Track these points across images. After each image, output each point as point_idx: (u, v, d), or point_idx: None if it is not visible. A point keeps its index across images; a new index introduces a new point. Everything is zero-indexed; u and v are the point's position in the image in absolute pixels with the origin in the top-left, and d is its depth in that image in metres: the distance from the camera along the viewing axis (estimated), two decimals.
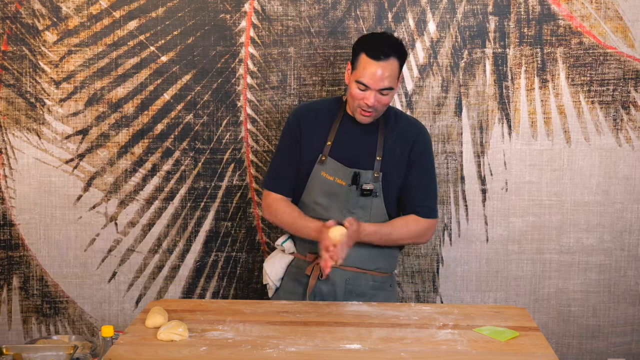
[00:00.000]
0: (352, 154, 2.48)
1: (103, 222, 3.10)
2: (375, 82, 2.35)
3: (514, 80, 2.98)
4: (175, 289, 3.14)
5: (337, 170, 2.46)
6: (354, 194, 2.45)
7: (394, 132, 2.50)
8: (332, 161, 2.48)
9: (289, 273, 2.57)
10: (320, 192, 2.49)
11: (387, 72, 2.35)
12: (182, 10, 2.98)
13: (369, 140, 2.49)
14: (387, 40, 2.40)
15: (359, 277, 2.51)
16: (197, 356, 1.98)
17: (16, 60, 3.00)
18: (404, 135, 2.51)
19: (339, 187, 2.46)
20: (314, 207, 2.49)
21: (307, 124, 2.52)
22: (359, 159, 2.48)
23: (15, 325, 3.15)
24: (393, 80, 2.38)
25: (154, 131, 3.04)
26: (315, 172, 2.49)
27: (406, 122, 2.55)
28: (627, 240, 3.07)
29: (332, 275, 2.48)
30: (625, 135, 3.00)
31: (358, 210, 2.46)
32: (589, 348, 3.13)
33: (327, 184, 2.47)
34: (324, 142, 2.50)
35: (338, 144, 2.49)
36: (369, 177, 2.45)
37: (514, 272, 3.09)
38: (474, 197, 3.05)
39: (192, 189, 3.07)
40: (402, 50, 2.41)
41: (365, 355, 1.99)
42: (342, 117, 2.52)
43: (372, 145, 2.48)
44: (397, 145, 2.49)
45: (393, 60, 2.37)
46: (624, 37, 2.94)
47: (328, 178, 2.47)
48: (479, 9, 2.95)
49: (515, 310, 2.34)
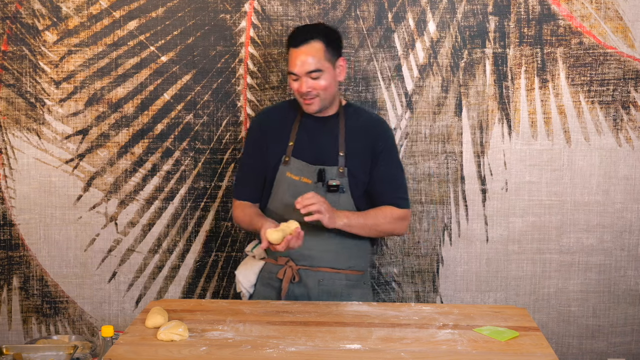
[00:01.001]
0: (315, 152, 2.49)
1: (103, 222, 3.10)
2: (300, 68, 2.39)
3: (514, 80, 2.98)
4: (175, 289, 3.14)
5: (302, 169, 2.47)
6: (320, 191, 2.44)
7: (355, 128, 2.51)
8: (296, 160, 2.48)
9: (261, 278, 2.56)
10: (286, 194, 2.48)
11: (310, 55, 2.39)
12: (182, 10, 2.98)
13: (330, 137, 2.50)
14: (307, 27, 2.48)
15: (333, 276, 2.50)
16: (197, 356, 1.98)
17: (16, 60, 3.00)
18: (366, 131, 2.52)
19: (305, 186, 2.46)
20: (282, 210, 2.48)
21: (268, 128, 2.55)
22: (323, 155, 2.48)
23: (15, 325, 3.15)
24: (319, 62, 2.39)
25: (154, 131, 3.04)
26: (281, 173, 2.49)
27: (367, 118, 2.57)
28: (627, 240, 3.07)
29: (305, 277, 2.49)
30: (625, 135, 3.00)
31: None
32: (589, 348, 3.13)
33: (293, 184, 2.47)
34: (286, 141, 2.51)
35: (300, 143, 2.50)
36: (334, 173, 2.46)
37: (514, 272, 3.09)
38: (474, 197, 3.05)
39: (192, 189, 3.07)
40: (325, 31, 2.45)
41: (365, 355, 1.99)
42: (301, 117, 2.53)
43: (334, 141, 2.49)
44: (360, 140, 2.50)
45: (315, 42, 2.40)
46: (624, 37, 2.94)
47: (294, 178, 2.48)
48: (479, 9, 2.95)
49: (515, 310, 2.34)
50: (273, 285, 2.53)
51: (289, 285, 2.49)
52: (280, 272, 2.50)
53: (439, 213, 3.06)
